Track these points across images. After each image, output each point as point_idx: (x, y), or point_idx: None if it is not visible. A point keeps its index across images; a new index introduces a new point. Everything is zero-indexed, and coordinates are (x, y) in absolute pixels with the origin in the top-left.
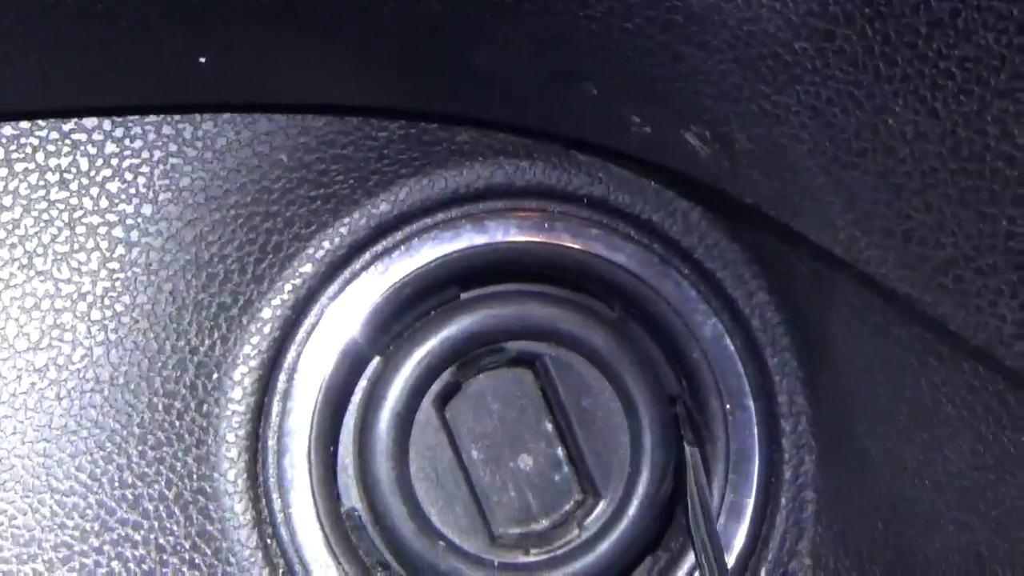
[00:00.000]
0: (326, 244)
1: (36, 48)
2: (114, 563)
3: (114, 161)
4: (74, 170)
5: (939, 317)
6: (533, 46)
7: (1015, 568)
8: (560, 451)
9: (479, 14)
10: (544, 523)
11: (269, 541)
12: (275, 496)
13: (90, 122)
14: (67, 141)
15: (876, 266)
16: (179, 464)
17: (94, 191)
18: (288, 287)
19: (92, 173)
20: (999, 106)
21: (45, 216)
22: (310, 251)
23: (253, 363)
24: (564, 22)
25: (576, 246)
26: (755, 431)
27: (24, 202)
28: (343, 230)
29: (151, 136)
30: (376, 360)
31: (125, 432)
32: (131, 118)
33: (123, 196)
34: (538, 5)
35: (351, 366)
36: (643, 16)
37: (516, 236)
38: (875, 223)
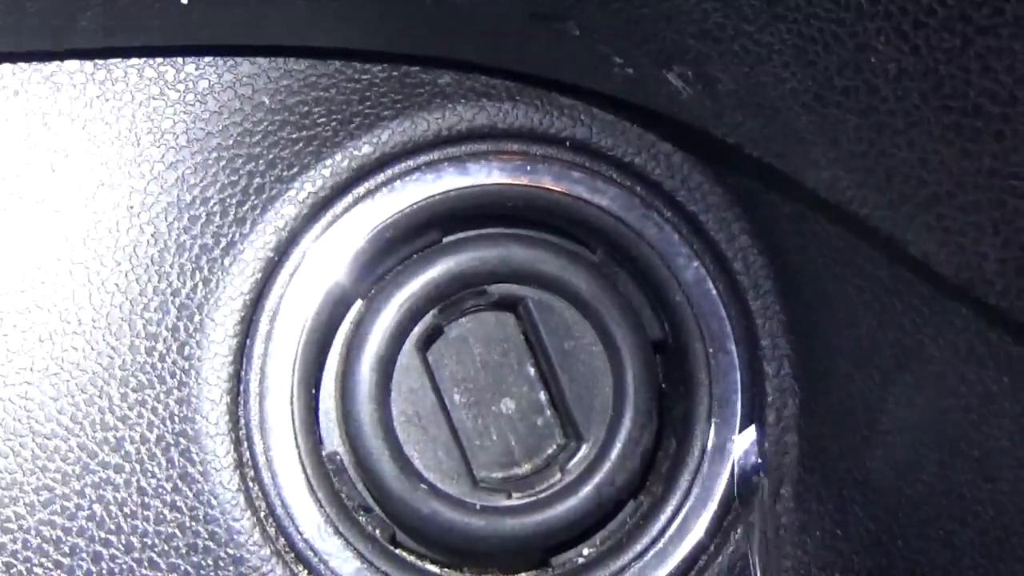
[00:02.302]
0: (308, 186)
1: None
2: (95, 506)
3: (96, 103)
4: (55, 112)
5: (921, 256)
6: None
7: (998, 509)
8: (542, 395)
9: None
10: (526, 467)
11: (251, 484)
12: (257, 439)
13: (72, 64)
14: (49, 83)
15: (858, 205)
16: (161, 406)
17: (76, 133)
18: (270, 229)
19: (73, 116)
20: (981, 42)
21: (26, 159)
22: (292, 193)
23: (235, 305)
24: None
25: (558, 189)
26: (738, 375)
27: (5, 145)
28: (325, 172)
29: (133, 79)
30: (358, 303)
31: (107, 374)
32: (113, 60)
33: (105, 138)
34: None
35: (333, 309)
36: None
37: (498, 179)
38: (857, 162)
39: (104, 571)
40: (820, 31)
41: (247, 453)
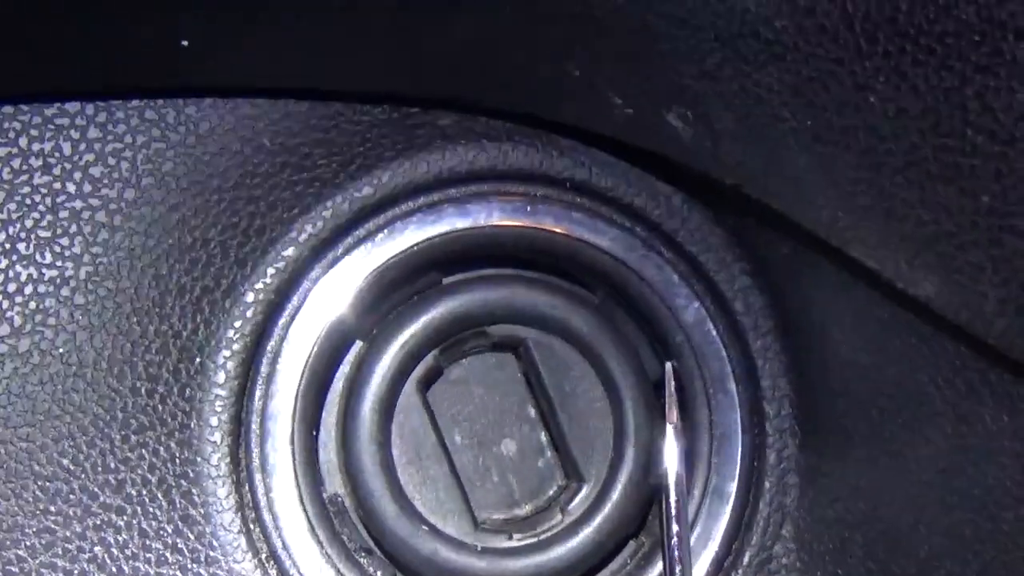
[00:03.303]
0: (309, 228)
1: (17, 30)
2: (97, 548)
3: (97, 146)
4: (57, 155)
5: (921, 296)
6: (515, 23)
7: (999, 548)
8: (543, 435)
9: None
10: (527, 508)
11: (252, 525)
12: (258, 480)
13: (73, 106)
14: (50, 126)
15: (858, 245)
16: (162, 448)
17: (77, 175)
18: (271, 271)
19: (75, 158)
20: (980, 81)
21: (28, 201)
22: (293, 235)
23: (236, 347)
24: (545, 1)
25: (559, 230)
26: (738, 415)
27: (7, 187)
28: (326, 213)
29: (134, 121)
30: (359, 344)
31: (108, 417)
32: (114, 102)
33: (106, 181)
34: None
35: (334, 350)
36: None
37: (499, 220)
38: (857, 201)
39: None
40: (818, 71)
41: (248, 495)
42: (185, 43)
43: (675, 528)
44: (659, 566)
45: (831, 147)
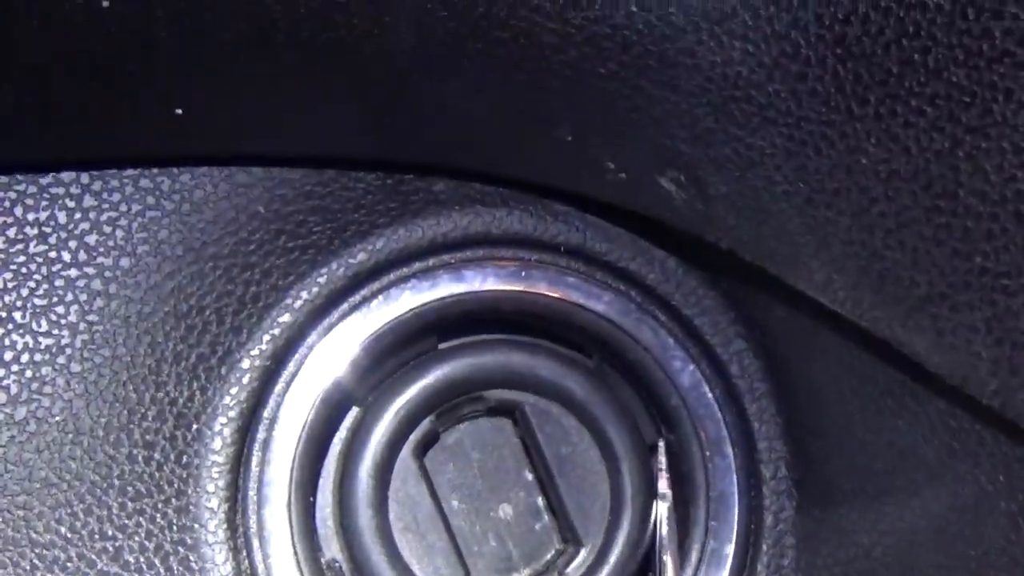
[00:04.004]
0: (304, 294)
1: (12, 102)
2: None
3: (92, 214)
4: (52, 223)
5: (915, 357)
6: (507, 91)
7: None
8: (540, 500)
9: (454, 57)
10: (525, 572)
11: None
12: (256, 546)
13: (68, 175)
14: (45, 195)
15: (852, 307)
16: (159, 515)
17: (73, 244)
18: (267, 337)
19: (71, 226)
20: (971, 143)
21: (24, 270)
22: (288, 301)
23: (232, 413)
24: (538, 67)
25: (554, 294)
26: (735, 478)
27: (2, 256)
28: (321, 280)
29: (129, 189)
30: (355, 410)
31: (105, 484)
32: (109, 171)
33: (102, 249)
34: (512, 49)
35: (330, 416)
36: (616, 61)
37: (494, 285)
38: (850, 263)
39: None
40: (811, 134)
41: (246, 561)
42: (179, 111)
43: None
44: None
45: (824, 209)
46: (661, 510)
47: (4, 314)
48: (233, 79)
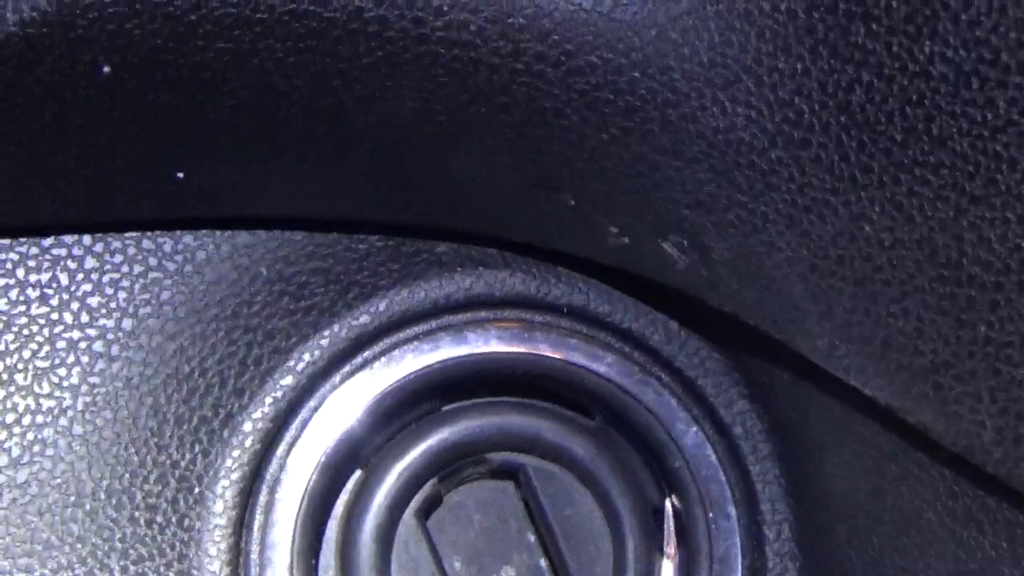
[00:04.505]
0: (306, 356)
1: (12, 167)
2: None
3: (94, 276)
4: (54, 285)
5: (918, 425)
6: (509, 155)
7: None
8: (543, 561)
9: (455, 123)
10: None
11: None
12: None
13: (70, 237)
14: (47, 256)
15: (855, 375)
16: None
17: (74, 306)
18: (269, 400)
19: (72, 288)
20: (975, 212)
21: (25, 332)
22: (290, 363)
23: (234, 476)
24: (540, 132)
25: (557, 356)
26: (738, 539)
27: (4, 318)
28: (323, 342)
29: (131, 250)
30: (357, 473)
31: (107, 547)
32: (110, 233)
33: (103, 311)
34: (514, 115)
35: (333, 479)
36: (619, 126)
37: (496, 347)
38: (853, 331)
39: None
40: (814, 200)
41: None
42: (180, 175)
43: None
44: None
45: (827, 277)
46: (667, 571)
47: (6, 376)
48: (234, 143)
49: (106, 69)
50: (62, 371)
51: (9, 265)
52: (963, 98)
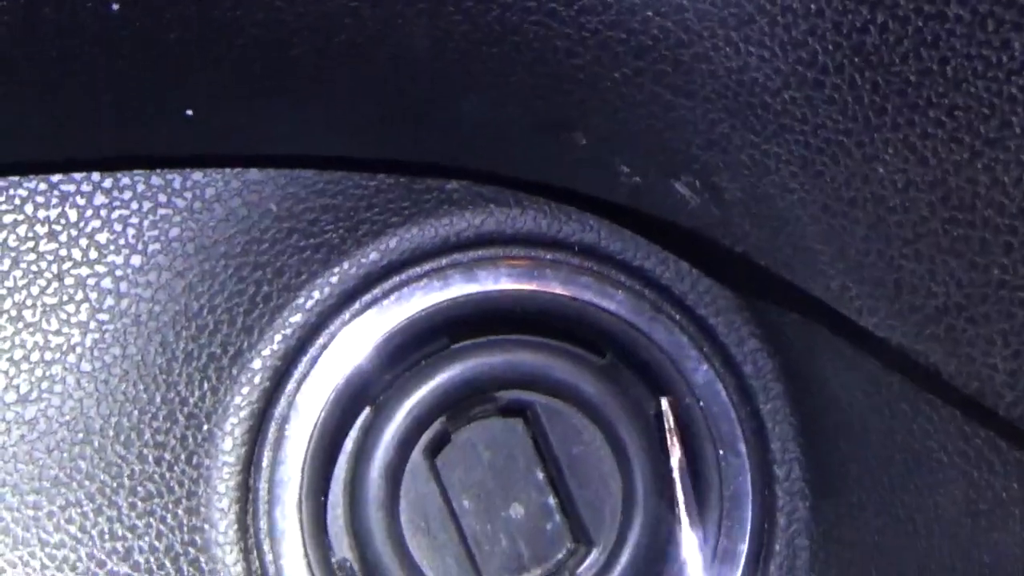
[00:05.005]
0: (316, 294)
1: (22, 102)
2: None
3: (103, 212)
4: (63, 221)
5: (931, 367)
6: (521, 95)
7: None
8: (552, 500)
9: (468, 61)
10: (536, 572)
11: None
12: (266, 547)
13: (79, 174)
14: (56, 192)
15: (867, 316)
16: (169, 516)
17: (83, 242)
18: (278, 337)
19: (81, 224)
20: (989, 154)
21: (34, 268)
22: (300, 301)
23: (243, 414)
24: (552, 71)
25: (567, 293)
26: (748, 477)
27: (13, 254)
28: (333, 280)
29: (140, 187)
30: (367, 410)
31: (115, 484)
32: (120, 168)
33: (112, 247)
34: (526, 54)
35: (342, 416)
36: (631, 66)
37: (506, 284)
38: (866, 273)
39: None
40: (827, 142)
41: (256, 562)
42: (190, 112)
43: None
44: None
45: (840, 218)
46: (675, 469)
47: (14, 312)
48: (244, 82)
49: (115, 6)
50: (70, 308)
51: (17, 201)
52: (978, 40)
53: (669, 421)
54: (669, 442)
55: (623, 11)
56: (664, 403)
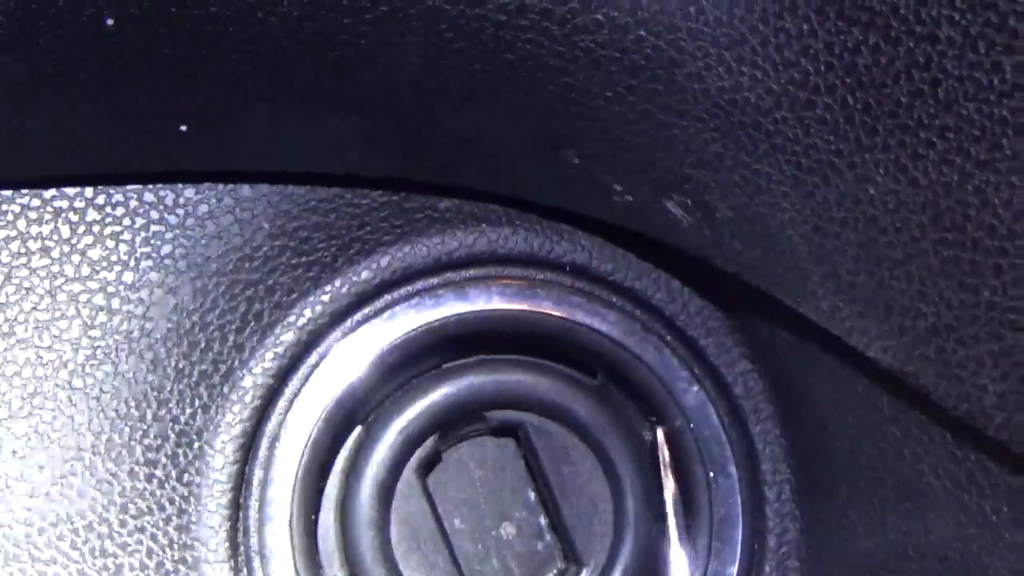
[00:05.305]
0: (307, 312)
1: (17, 117)
2: None
3: (95, 228)
4: (56, 237)
5: (921, 388)
6: (515, 113)
7: None
8: (542, 519)
9: (461, 79)
10: None
11: None
12: (256, 565)
13: (71, 189)
14: (48, 208)
15: (857, 337)
16: (160, 533)
17: (75, 258)
18: (269, 356)
19: (73, 240)
20: (980, 176)
21: (26, 284)
22: (291, 319)
23: (235, 431)
24: (545, 90)
25: (558, 313)
26: (738, 499)
27: (5, 270)
28: (324, 298)
29: (132, 203)
30: (358, 429)
31: (106, 501)
32: (112, 185)
33: (104, 263)
34: (519, 72)
35: (333, 435)
36: (624, 85)
37: (498, 304)
38: (856, 293)
39: None
40: (819, 162)
41: None
42: (183, 128)
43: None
44: None
45: (831, 238)
46: (668, 501)
47: (6, 328)
48: (237, 98)
49: (109, 21)
50: (63, 324)
51: (10, 216)
52: (969, 61)
53: (664, 454)
54: (663, 475)
55: (616, 30)
56: (660, 434)
